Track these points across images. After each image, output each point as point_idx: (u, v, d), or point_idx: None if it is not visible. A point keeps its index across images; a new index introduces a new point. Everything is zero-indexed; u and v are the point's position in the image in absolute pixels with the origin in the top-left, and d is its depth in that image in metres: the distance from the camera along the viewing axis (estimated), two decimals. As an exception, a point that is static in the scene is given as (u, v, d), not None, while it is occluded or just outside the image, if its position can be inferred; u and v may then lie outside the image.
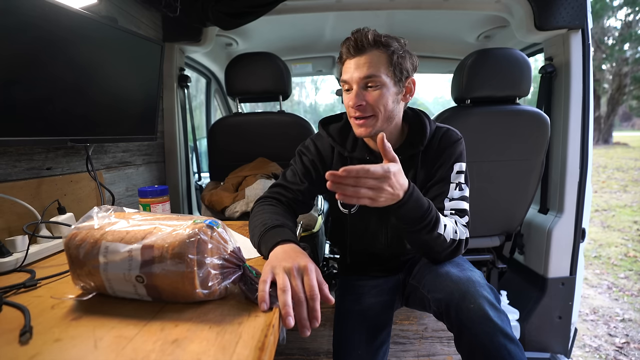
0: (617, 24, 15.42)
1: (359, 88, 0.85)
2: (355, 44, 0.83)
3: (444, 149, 0.92)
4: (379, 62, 0.83)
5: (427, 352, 1.28)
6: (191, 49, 1.60)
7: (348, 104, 0.88)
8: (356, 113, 0.86)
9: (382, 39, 0.84)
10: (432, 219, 0.78)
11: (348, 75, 0.86)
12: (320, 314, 0.53)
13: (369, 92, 0.85)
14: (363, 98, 0.84)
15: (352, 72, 0.84)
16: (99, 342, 0.42)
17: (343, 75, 0.88)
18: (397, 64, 0.85)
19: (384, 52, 0.84)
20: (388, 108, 0.86)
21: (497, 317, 0.72)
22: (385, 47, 0.84)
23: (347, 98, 0.88)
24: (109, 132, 1.04)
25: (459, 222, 0.87)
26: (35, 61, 0.78)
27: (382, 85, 0.84)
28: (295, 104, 14.07)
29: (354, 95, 0.85)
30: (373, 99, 0.84)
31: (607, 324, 2.16)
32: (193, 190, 1.74)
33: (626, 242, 3.84)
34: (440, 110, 1.38)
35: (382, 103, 0.85)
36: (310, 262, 0.58)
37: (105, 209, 0.58)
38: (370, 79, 0.83)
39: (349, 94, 0.87)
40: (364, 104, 0.84)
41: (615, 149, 13.96)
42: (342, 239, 1.08)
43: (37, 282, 0.61)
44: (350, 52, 0.85)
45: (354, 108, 0.86)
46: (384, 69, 0.84)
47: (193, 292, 0.49)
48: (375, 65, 0.83)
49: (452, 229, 0.84)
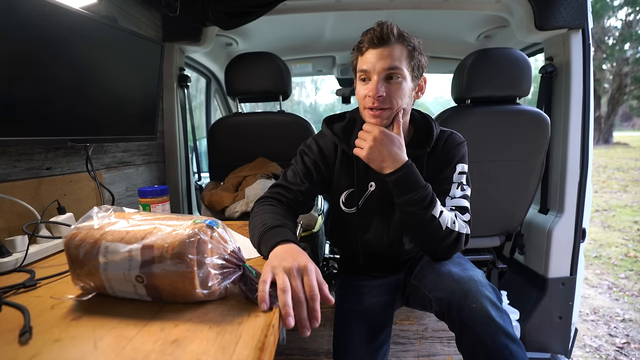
0: (617, 23, 15.42)
1: (380, 79, 0.84)
2: (380, 35, 0.82)
3: (448, 151, 0.94)
4: (401, 56, 0.84)
5: (427, 352, 1.27)
6: (191, 49, 1.60)
7: (367, 94, 0.86)
8: (374, 104, 0.85)
9: (405, 34, 0.85)
10: (426, 197, 0.82)
11: (369, 65, 0.84)
12: (320, 314, 0.53)
13: (390, 84, 0.84)
14: (383, 89, 0.84)
15: (375, 63, 0.83)
16: (99, 342, 0.42)
17: (363, 65, 0.86)
18: (417, 60, 0.86)
19: (406, 47, 0.84)
20: (405, 102, 0.87)
21: (499, 317, 0.72)
22: (408, 42, 0.84)
23: (364, 88, 0.87)
24: (108, 132, 1.03)
25: (459, 216, 0.88)
26: (35, 61, 0.77)
27: (402, 78, 0.84)
28: (295, 104, 14.06)
29: (374, 85, 0.84)
30: (393, 91, 0.84)
31: (607, 324, 2.16)
32: (193, 190, 1.74)
33: (626, 242, 3.84)
34: (440, 110, 1.38)
35: (400, 96, 0.85)
36: (310, 262, 0.58)
37: (105, 209, 0.58)
38: (393, 70, 0.83)
39: (367, 85, 0.86)
40: (384, 95, 0.84)
41: (616, 149, 13.96)
42: (343, 238, 1.08)
43: (36, 282, 0.61)
44: (374, 42, 0.83)
45: (374, 98, 0.84)
46: (405, 63, 0.84)
47: (193, 292, 0.49)
48: (398, 58, 0.83)
49: (450, 218, 0.85)
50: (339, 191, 1.00)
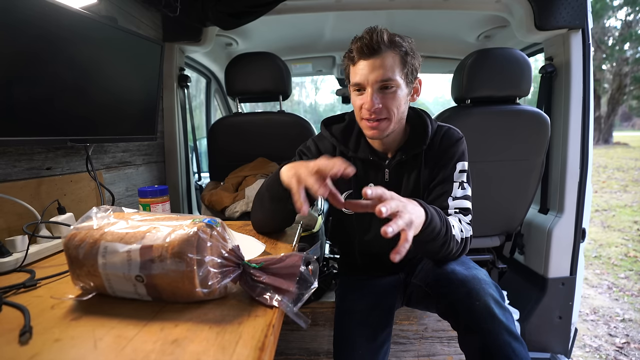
0: (617, 23, 15.44)
1: (374, 90, 0.82)
2: (369, 44, 0.80)
3: (446, 149, 0.92)
4: (394, 64, 0.82)
5: (427, 352, 1.28)
6: (191, 49, 1.60)
7: (362, 106, 0.85)
8: (371, 115, 0.84)
9: (396, 39, 0.82)
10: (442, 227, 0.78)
11: (362, 78, 0.83)
12: (321, 314, 0.53)
13: (384, 95, 0.83)
14: (379, 101, 0.82)
15: (368, 74, 0.82)
16: (99, 342, 0.42)
17: (355, 77, 0.84)
18: (410, 64, 0.84)
19: (398, 52, 0.82)
20: (401, 110, 0.86)
21: (503, 315, 0.72)
22: (399, 47, 0.82)
23: (359, 99, 0.86)
24: (109, 132, 1.03)
25: (463, 220, 0.88)
26: (35, 61, 0.77)
27: (397, 87, 0.83)
28: (295, 104, 14.07)
29: (370, 98, 0.82)
30: (389, 101, 0.83)
31: (607, 324, 2.16)
32: (193, 190, 1.74)
33: (626, 242, 3.84)
34: (440, 110, 1.38)
35: (396, 105, 0.84)
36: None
37: (104, 209, 0.58)
38: (387, 81, 0.82)
39: (361, 96, 0.85)
40: (380, 106, 0.83)
41: (616, 149, 13.96)
42: (343, 239, 1.08)
43: (36, 282, 0.61)
44: (364, 53, 0.81)
45: (370, 111, 0.83)
46: (398, 70, 0.82)
47: (193, 291, 0.49)
48: (391, 68, 0.81)
49: (459, 228, 0.84)
50: (339, 192, 1.00)
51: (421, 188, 0.94)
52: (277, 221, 0.86)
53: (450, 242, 0.82)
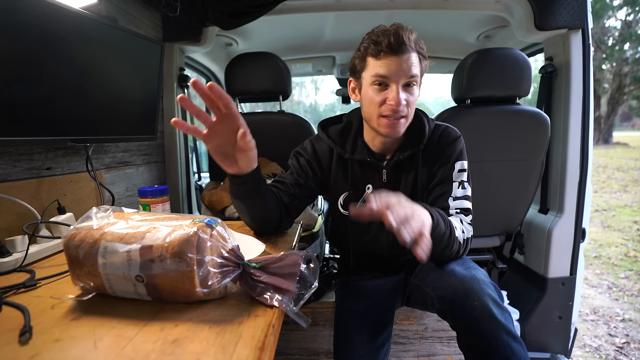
0: (617, 23, 15.45)
1: (400, 87, 0.82)
2: (399, 42, 0.79)
3: (444, 148, 0.92)
4: (418, 64, 0.83)
5: (427, 352, 1.28)
6: (191, 49, 1.60)
7: (385, 102, 0.83)
8: (395, 113, 0.83)
9: (419, 41, 0.84)
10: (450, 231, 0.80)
11: (390, 72, 0.81)
12: (321, 314, 0.53)
13: (408, 93, 0.84)
14: (405, 97, 0.83)
15: (397, 70, 0.81)
16: (99, 342, 0.42)
17: (380, 70, 0.82)
18: (424, 66, 0.86)
19: (419, 54, 0.84)
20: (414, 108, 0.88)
21: (501, 315, 0.72)
22: (421, 49, 0.84)
23: (381, 95, 0.84)
24: (109, 132, 1.03)
25: (464, 220, 0.88)
26: (35, 61, 0.77)
27: (417, 85, 0.85)
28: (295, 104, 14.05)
29: (396, 94, 0.81)
30: (412, 99, 0.84)
31: (607, 324, 2.16)
32: (193, 190, 1.74)
33: (626, 242, 3.84)
34: (440, 110, 1.38)
35: (414, 103, 0.86)
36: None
37: (104, 209, 0.58)
38: (414, 78, 0.83)
39: (385, 91, 0.83)
40: (405, 103, 0.83)
41: (616, 149, 13.97)
42: (343, 239, 1.08)
43: (36, 282, 0.61)
44: (392, 49, 0.80)
45: (397, 107, 0.82)
46: (419, 70, 0.84)
47: (193, 291, 0.49)
48: (417, 67, 0.83)
49: (461, 229, 0.85)
50: (337, 194, 1.00)
51: (419, 188, 0.94)
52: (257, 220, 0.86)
53: (454, 244, 0.82)
